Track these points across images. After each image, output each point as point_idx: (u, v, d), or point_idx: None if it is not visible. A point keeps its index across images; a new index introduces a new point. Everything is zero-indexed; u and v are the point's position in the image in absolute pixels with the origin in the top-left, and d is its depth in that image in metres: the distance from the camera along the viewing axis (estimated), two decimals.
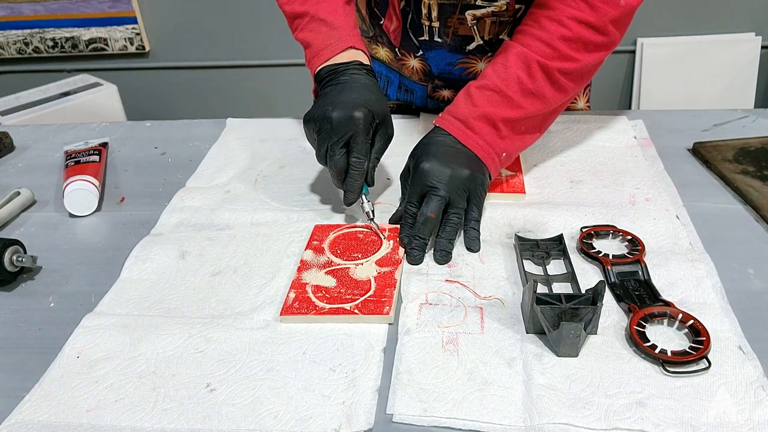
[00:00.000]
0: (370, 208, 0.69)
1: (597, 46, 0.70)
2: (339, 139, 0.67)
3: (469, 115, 0.69)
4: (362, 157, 0.68)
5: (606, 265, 0.62)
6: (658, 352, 0.51)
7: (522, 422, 0.47)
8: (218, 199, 0.78)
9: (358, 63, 0.73)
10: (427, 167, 0.66)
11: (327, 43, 0.75)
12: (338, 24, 0.76)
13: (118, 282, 0.64)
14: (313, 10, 0.76)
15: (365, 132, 0.68)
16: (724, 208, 0.71)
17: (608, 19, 0.68)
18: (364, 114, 0.67)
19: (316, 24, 0.76)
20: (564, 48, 0.68)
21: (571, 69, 0.70)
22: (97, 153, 0.86)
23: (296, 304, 0.59)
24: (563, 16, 0.68)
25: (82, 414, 0.50)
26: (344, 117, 0.67)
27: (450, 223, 0.65)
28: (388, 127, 0.71)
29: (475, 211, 0.67)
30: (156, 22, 2.34)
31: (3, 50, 2.40)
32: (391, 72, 0.93)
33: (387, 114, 0.71)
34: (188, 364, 0.54)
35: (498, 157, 0.70)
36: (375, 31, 0.89)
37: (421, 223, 0.64)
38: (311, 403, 0.49)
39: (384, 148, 0.72)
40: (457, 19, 0.81)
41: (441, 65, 0.87)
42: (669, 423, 0.46)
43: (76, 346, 0.56)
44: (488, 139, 0.69)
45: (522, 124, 0.71)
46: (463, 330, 0.56)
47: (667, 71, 2.23)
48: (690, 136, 0.86)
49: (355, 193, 0.69)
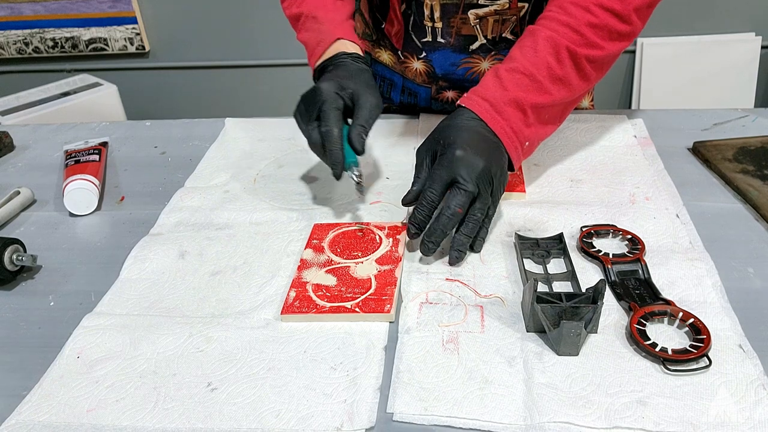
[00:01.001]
0: (354, 173, 0.68)
1: (620, 35, 0.69)
2: (310, 115, 0.68)
3: (499, 98, 0.66)
4: (330, 126, 0.66)
5: (606, 264, 0.62)
6: (658, 350, 0.51)
7: (522, 421, 0.47)
8: (217, 198, 0.78)
9: (343, 53, 0.74)
10: (460, 155, 0.62)
11: (318, 39, 0.77)
12: (326, 18, 0.77)
13: (118, 282, 0.64)
14: (306, 8, 0.78)
15: (332, 99, 0.67)
16: (724, 207, 0.71)
17: (633, 7, 0.68)
18: (328, 84, 0.68)
19: (310, 22, 0.78)
20: (591, 35, 0.67)
21: (596, 57, 0.68)
22: (97, 152, 0.86)
23: (297, 303, 0.59)
24: (590, 2, 0.67)
25: (82, 414, 0.50)
26: (310, 93, 0.69)
27: (473, 219, 0.62)
28: (369, 96, 0.69)
29: (492, 210, 0.65)
30: (156, 22, 2.34)
31: (3, 50, 2.40)
32: (395, 75, 0.93)
33: (365, 85, 0.70)
34: (189, 364, 0.54)
35: (521, 145, 0.68)
36: (377, 34, 0.89)
37: (447, 216, 0.61)
38: (313, 402, 0.49)
39: (369, 114, 0.69)
40: (460, 18, 0.81)
41: (445, 66, 0.87)
42: (669, 421, 0.46)
43: (76, 347, 0.56)
44: (515, 126, 0.66)
45: (547, 111, 0.69)
46: (464, 329, 0.56)
47: (667, 71, 2.23)
48: (690, 135, 0.86)
49: (338, 165, 0.67)
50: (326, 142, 0.67)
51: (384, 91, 0.95)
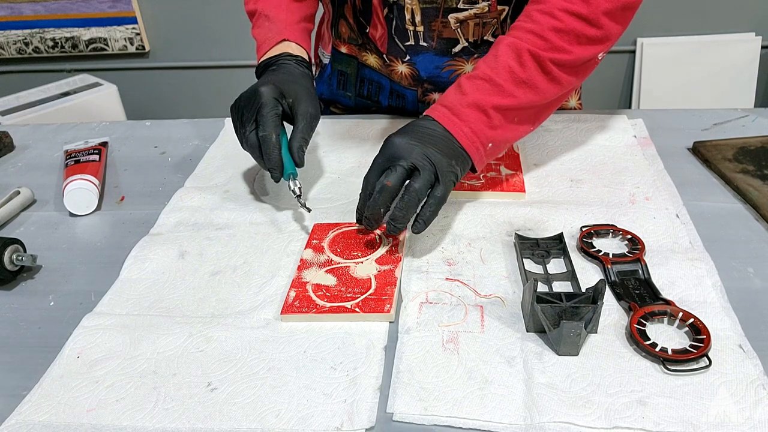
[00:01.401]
0: (295, 186, 0.69)
1: (590, 39, 0.68)
2: (248, 116, 0.69)
3: (457, 102, 0.67)
4: (268, 130, 0.68)
5: (606, 263, 0.62)
6: (658, 350, 0.51)
7: (522, 421, 0.47)
8: (217, 198, 0.78)
9: (288, 54, 0.76)
10: (395, 140, 0.64)
11: (266, 37, 0.79)
12: (278, 18, 0.80)
13: (118, 282, 0.64)
14: (261, 6, 0.81)
15: (271, 105, 0.69)
16: (724, 207, 0.71)
17: (601, 11, 0.67)
18: (268, 88, 0.69)
19: (261, 20, 0.81)
20: (555, 39, 0.67)
21: (563, 60, 0.68)
22: (97, 152, 0.86)
23: (297, 302, 0.59)
24: (554, 8, 0.67)
25: (82, 414, 0.50)
26: (249, 94, 0.70)
27: (408, 192, 0.62)
28: (308, 105, 0.71)
29: (439, 191, 0.63)
30: (156, 22, 2.34)
31: (3, 50, 2.40)
32: (382, 78, 0.93)
33: (304, 93, 0.71)
34: (189, 364, 0.54)
35: (483, 146, 0.67)
36: (363, 38, 0.90)
37: (377, 192, 0.62)
38: (313, 402, 0.49)
39: (309, 127, 0.71)
40: (441, 22, 0.81)
41: (429, 69, 0.87)
42: (669, 421, 0.46)
43: (76, 347, 0.56)
44: (475, 126, 0.66)
45: (515, 114, 0.69)
46: (464, 329, 0.56)
47: (667, 71, 2.23)
48: (690, 135, 0.86)
49: (276, 169, 0.68)
50: (264, 147, 0.69)
51: (373, 94, 0.95)
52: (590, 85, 2.33)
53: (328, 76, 0.98)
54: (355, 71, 0.95)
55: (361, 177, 0.79)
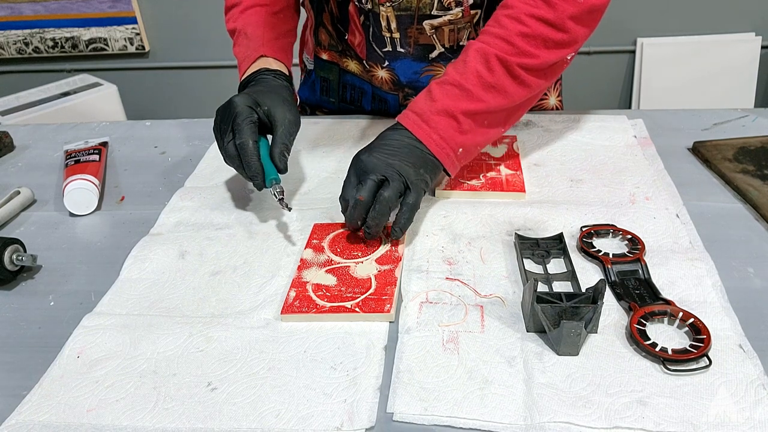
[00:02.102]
0: (276, 190, 0.69)
1: (557, 43, 0.69)
2: (224, 128, 0.70)
3: (427, 109, 0.68)
4: (245, 137, 0.68)
5: (606, 263, 0.62)
6: (658, 350, 0.51)
7: (522, 421, 0.47)
8: (217, 198, 0.78)
9: (266, 69, 0.78)
10: (363, 157, 0.66)
11: (245, 55, 0.81)
12: (254, 35, 0.81)
13: (118, 282, 0.64)
14: (240, 24, 0.83)
15: (246, 114, 0.69)
16: (724, 207, 0.71)
17: (567, 15, 0.68)
18: (242, 98, 0.70)
19: (241, 38, 0.83)
20: (522, 44, 0.68)
21: (531, 65, 0.69)
22: (97, 152, 0.86)
23: (297, 302, 0.59)
24: (521, 13, 0.68)
25: (82, 414, 0.50)
26: (225, 106, 0.71)
27: (380, 200, 0.64)
28: (286, 112, 0.71)
29: (411, 198, 0.65)
30: (156, 22, 2.34)
31: (3, 50, 2.40)
32: (364, 83, 0.93)
33: (280, 101, 0.72)
34: (189, 364, 0.54)
35: (454, 152, 0.68)
36: (342, 45, 0.90)
37: (352, 207, 0.64)
38: (313, 402, 0.49)
39: (288, 132, 0.71)
40: (416, 29, 0.82)
41: (408, 74, 0.88)
42: (670, 421, 0.46)
43: (76, 347, 0.56)
44: (444, 133, 0.68)
45: (485, 117, 0.69)
46: (464, 329, 0.56)
47: (667, 71, 2.23)
48: (690, 135, 0.86)
49: (258, 176, 0.69)
50: (242, 155, 0.69)
51: (356, 99, 0.96)
52: (590, 85, 2.34)
53: (312, 81, 0.99)
54: (337, 77, 0.95)
55: None
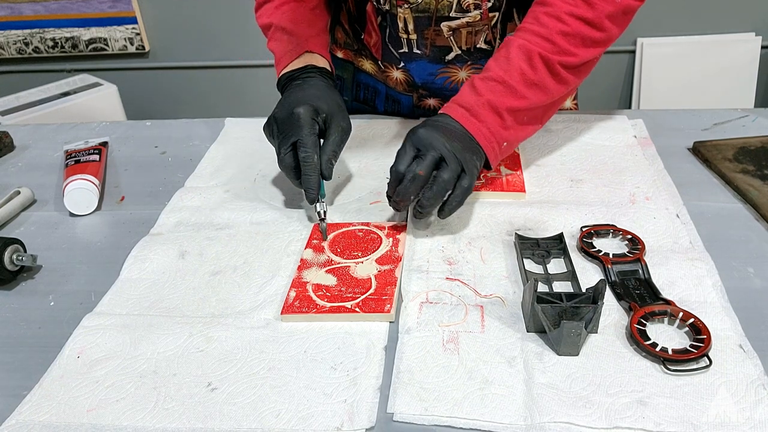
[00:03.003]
0: (323, 209, 0.69)
1: (594, 41, 0.70)
2: (283, 138, 0.70)
3: (474, 103, 0.69)
4: (309, 151, 0.68)
5: (606, 263, 0.62)
6: (658, 350, 0.51)
7: (523, 421, 0.47)
8: (217, 198, 0.78)
9: (312, 66, 0.76)
10: (421, 132, 0.65)
11: (286, 50, 0.79)
12: (297, 31, 0.79)
13: (118, 282, 0.64)
14: (276, 19, 0.80)
15: (309, 126, 0.69)
16: (724, 207, 0.71)
17: (605, 15, 0.69)
18: (305, 109, 0.69)
19: (279, 33, 0.80)
20: (563, 43, 0.69)
21: (571, 63, 0.70)
22: (97, 152, 0.86)
23: (297, 302, 0.59)
24: (561, 12, 0.69)
25: (82, 414, 0.50)
26: (286, 115, 0.70)
27: (438, 181, 0.63)
28: (341, 120, 0.71)
29: (466, 182, 0.65)
30: (156, 22, 2.34)
31: (3, 50, 2.40)
32: (378, 83, 0.93)
33: (337, 108, 0.71)
34: (189, 364, 0.54)
35: (499, 146, 0.69)
36: (358, 44, 0.90)
37: (409, 180, 0.63)
38: (313, 402, 0.49)
39: (340, 140, 0.71)
40: (434, 30, 0.82)
41: (423, 75, 0.88)
42: (670, 421, 0.46)
43: (76, 347, 0.56)
44: (492, 127, 0.68)
45: (525, 114, 0.71)
46: (464, 329, 0.55)
47: (667, 71, 2.23)
48: (690, 135, 0.86)
49: (314, 190, 0.69)
50: (304, 168, 0.69)
51: (369, 98, 0.96)
52: (590, 85, 2.33)
53: None
54: (352, 76, 0.95)
55: (362, 178, 0.80)
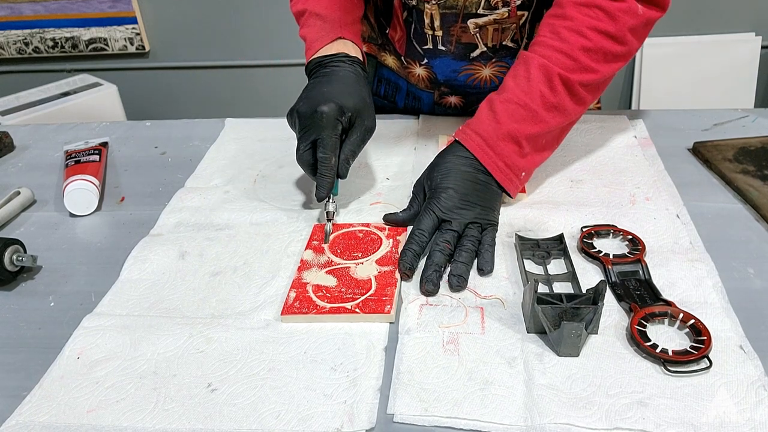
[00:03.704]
0: (333, 209, 0.69)
1: (616, 56, 0.69)
2: (304, 134, 0.68)
3: (493, 133, 0.67)
4: (328, 153, 0.67)
5: (606, 264, 0.62)
6: (659, 351, 0.51)
7: (523, 422, 0.47)
8: (217, 199, 0.78)
9: (344, 54, 0.73)
10: (445, 199, 0.65)
11: (319, 35, 0.76)
12: (332, 17, 0.76)
13: (118, 283, 0.64)
14: (311, 5, 0.78)
15: (331, 126, 0.67)
16: (725, 208, 0.71)
17: (627, 28, 0.68)
18: (330, 108, 0.66)
19: (313, 19, 0.78)
20: (585, 59, 0.67)
21: (590, 81, 0.69)
22: (97, 152, 0.86)
23: (297, 303, 0.59)
24: (583, 26, 0.67)
25: (82, 415, 0.50)
26: (309, 112, 0.67)
27: (465, 249, 0.62)
28: (366, 119, 0.70)
29: (489, 237, 0.65)
30: (156, 22, 2.34)
31: (3, 50, 2.40)
32: (399, 79, 0.93)
33: (363, 106, 0.69)
34: (189, 364, 0.54)
35: (517, 177, 0.69)
36: (382, 39, 0.90)
37: (437, 252, 0.62)
38: (313, 403, 0.49)
39: (361, 140, 0.70)
40: (460, 27, 0.81)
41: (446, 72, 0.87)
42: (670, 423, 0.46)
43: (76, 347, 0.56)
44: (509, 160, 0.68)
45: (543, 138, 0.70)
46: (464, 330, 0.55)
47: (667, 71, 2.23)
48: (690, 135, 0.86)
49: (325, 189, 0.68)
50: (321, 168, 0.68)
51: (389, 94, 0.95)
52: None
53: None
54: (374, 70, 0.95)
55: (364, 179, 0.80)
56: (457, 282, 0.60)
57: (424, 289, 0.60)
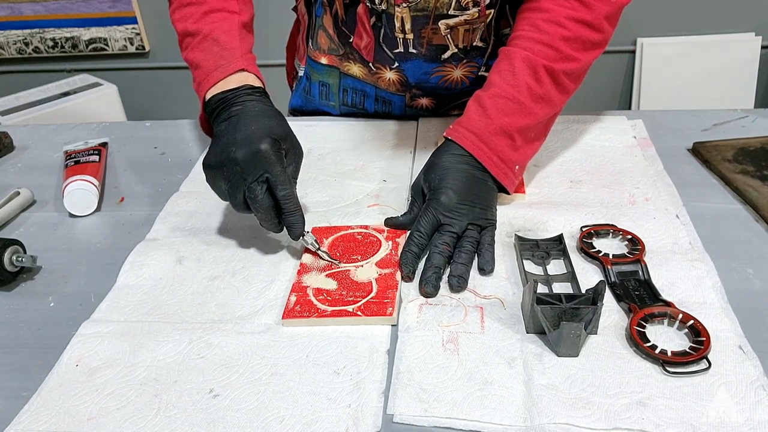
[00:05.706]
0: (312, 240, 0.65)
1: (594, 44, 0.71)
2: (256, 179, 0.62)
3: (484, 128, 0.68)
4: (288, 188, 0.63)
5: (606, 264, 0.62)
6: (658, 352, 0.51)
7: (522, 422, 0.47)
8: (213, 202, 0.77)
9: (248, 87, 0.69)
10: (444, 201, 0.65)
11: (218, 64, 0.71)
12: (231, 45, 0.72)
13: (115, 288, 0.64)
14: (207, 29, 0.73)
15: (279, 161, 0.63)
16: (724, 208, 0.71)
17: (603, 15, 0.69)
18: (270, 144, 0.63)
19: (208, 44, 0.73)
20: (566, 48, 0.69)
21: (572, 69, 0.70)
22: (96, 153, 0.86)
23: (298, 307, 0.59)
24: (560, 17, 0.69)
25: (83, 423, 0.49)
26: (251, 154, 0.62)
27: (464, 250, 0.63)
28: (296, 147, 0.67)
29: (488, 237, 0.65)
30: (156, 22, 2.34)
31: (3, 50, 2.40)
32: (366, 86, 0.92)
33: (291, 135, 0.67)
34: (190, 370, 0.53)
35: (512, 171, 0.70)
36: (345, 49, 0.89)
37: (436, 254, 0.62)
38: (317, 407, 0.49)
39: (298, 169, 0.68)
40: (431, 29, 0.81)
41: (417, 75, 0.87)
42: (669, 423, 0.46)
43: (75, 355, 0.55)
44: (502, 154, 0.68)
45: (532, 130, 0.71)
46: (464, 330, 0.56)
47: (667, 71, 2.23)
48: (690, 135, 0.86)
49: (301, 224, 0.64)
50: (286, 205, 0.63)
51: (357, 102, 0.95)
52: (590, 85, 2.33)
53: (304, 87, 0.99)
54: (338, 81, 0.94)
55: (358, 180, 0.80)
56: (458, 283, 0.60)
57: (423, 290, 0.60)
